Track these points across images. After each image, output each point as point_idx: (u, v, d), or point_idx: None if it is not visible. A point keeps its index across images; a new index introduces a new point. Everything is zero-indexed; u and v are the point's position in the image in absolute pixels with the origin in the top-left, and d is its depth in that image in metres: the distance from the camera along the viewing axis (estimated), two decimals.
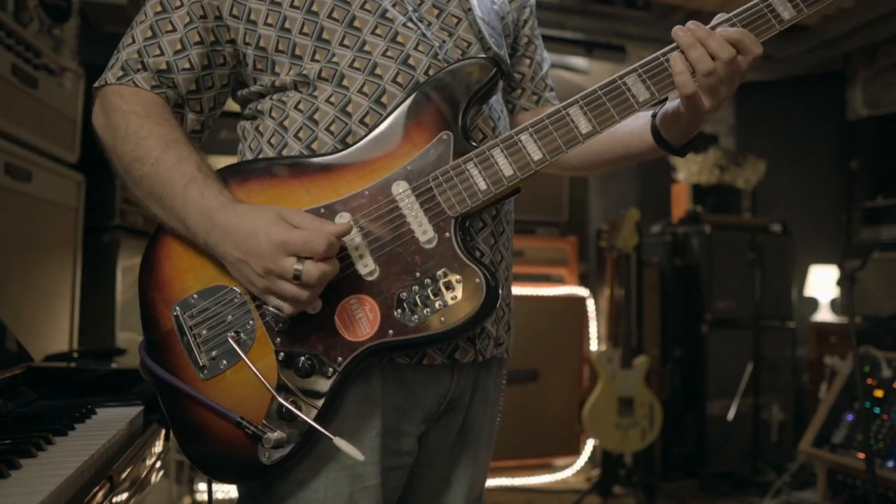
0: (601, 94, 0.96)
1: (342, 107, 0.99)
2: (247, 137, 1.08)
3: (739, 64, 0.93)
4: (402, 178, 0.95)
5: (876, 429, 2.84)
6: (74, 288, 2.13)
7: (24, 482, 0.75)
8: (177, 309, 0.96)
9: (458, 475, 1.13)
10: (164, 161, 0.94)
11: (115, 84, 1.00)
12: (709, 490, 3.78)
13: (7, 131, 1.75)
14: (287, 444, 0.92)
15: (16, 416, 1.08)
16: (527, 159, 0.95)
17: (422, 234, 0.94)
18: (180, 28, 1.00)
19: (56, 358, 1.83)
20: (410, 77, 0.99)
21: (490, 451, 1.19)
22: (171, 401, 0.97)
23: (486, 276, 0.92)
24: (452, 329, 0.92)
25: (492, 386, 1.15)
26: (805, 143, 4.81)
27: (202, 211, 0.91)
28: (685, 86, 0.93)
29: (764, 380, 3.94)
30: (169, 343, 0.96)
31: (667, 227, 4.24)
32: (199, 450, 0.97)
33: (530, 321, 3.74)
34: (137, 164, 0.95)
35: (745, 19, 0.95)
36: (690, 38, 0.93)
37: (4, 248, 1.73)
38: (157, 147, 0.94)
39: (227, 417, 0.92)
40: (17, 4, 2.10)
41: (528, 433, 3.78)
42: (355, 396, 0.97)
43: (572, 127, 0.95)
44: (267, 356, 0.93)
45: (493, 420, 1.18)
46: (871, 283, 3.67)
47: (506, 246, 1.09)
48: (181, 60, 1.00)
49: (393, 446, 1.02)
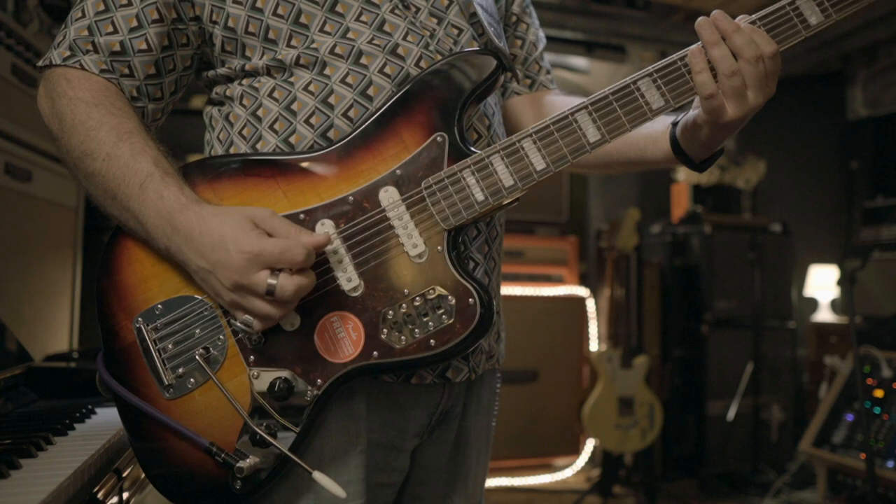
0: (612, 100, 0.87)
1: (323, 97, 0.90)
2: (214, 126, 0.99)
3: (766, 65, 0.84)
4: (392, 184, 0.86)
5: (876, 429, 2.83)
6: (74, 288, 2.13)
7: (24, 482, 0.75)
8: (139, 320, 0.86)
9: (455, 489, 1.07)
10: (117, 157, 0.83)
11: (62, 66, 0.89)
12: (709, 490, 3.78)
13: (7, 131, 1.75)
14: (261, 471, 0.84)
15: (16, 416, 1.08)
16: (529, 169, 0.87)
17: (412, 248, 0.85)
18: (136, 3, 0.89)
19: (56, 358, 1.83)
20: (399, 68, 0.91)
21: (488, 458, 1.14)
22: (133, 420, 0.87)
23: (480, 296, 0.84)
24: (444, 352, 0.84)
25: (486, 395, 1.09)
26: (805, 143, 4.81)
27: (161, 213, 0.81)
28: (704, 86, 0.84)
29: (764, 380, 3.94)
30: (130, 357, 0.86)
31: (667, 227, 4.24)
32: (163, 475, 0.87)
33: (530, 321, 3.74)
34: (87, 159, 0.85)
35: (769, 23, 0.86)
36: (714, 33, 0.84)
37: (4, 248, 1.73)
38: (109, 140, 0.84)
39: (196, 442, 0.83)
40: (17, 4, 2.10)
41: (528, 433, 3.78)
42: (338, 411, 0.90)
43: (580, 135, 0.87)
44: (239, 375, 0.84)
45: (488, 428, 1.12)
46: (871, 283, 3.66)
47: (498, 251, 1.03)
48: (137, 40, 0.89)
49: (381, 462, 0.95)
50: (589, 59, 4.52)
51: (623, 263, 3.62)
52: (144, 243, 0.87)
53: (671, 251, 4.13)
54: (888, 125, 4.46)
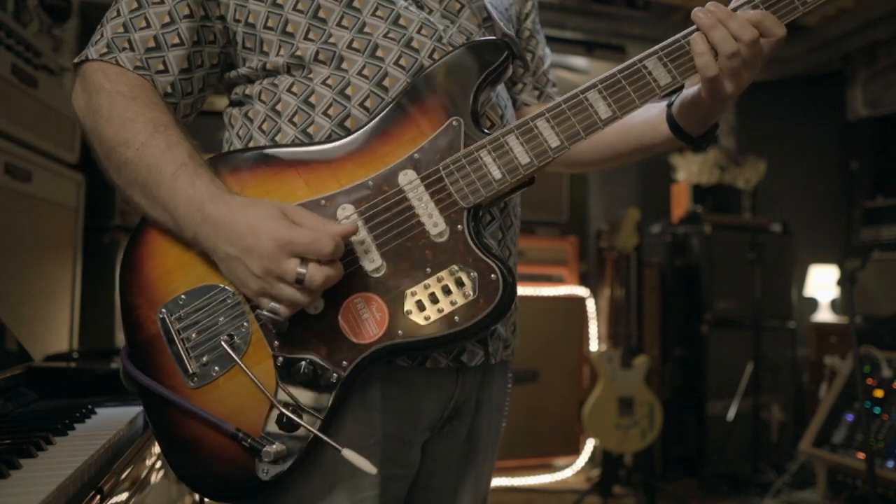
0: (621, 78, 0.91)
1: (340, 89, 0.92)
2: (234, 125, 1.01)
3: (762, 46, 0.89)
4: (410, 167, 0.88)
5: (876, 429, 2.83)
6: (74, 288, 2.13)
7: (24, 482, 0.75)
8: (163, 311, 0.88)
9: (466, 486, 1.07)
10: (152, 146, 0.86)
11: (98, 61, 0.92)
12: (709, 490, 3.78)
13: (7, 131, 1.75)
14: (288, 457, 0.84)
15: (16, 416, 1.08)
16: (544, 146, 0.89)
17: (432, 227, 0.87)
18: (168, 1, 0.93)
19: (56, 358, 1.83)
20: (414, 60, 0.93)
21: (494, 458, 1.15)
22: (157, 411, 0.88)
23: (503, 271, 0.85)
24: (467, 328, 0.85)
25: (497, 392, 1.09)
26: (805, 143, 4.81)
27: (192, 202, 0.83)
28: (708, 67, 0.89)
29: (764, 380, 3.94)
30: (154, 348, 0.88)
31: (667, 227, 4.24)
32: (189, 465, 0.88)
33: (530, 321, 3.74)
34: (121, 147, 0.87)
35: (769, 3, 0.90)
36: (712, 19, 0.88)
37: (4, 248, 1.73)
38: (145, 130, 0.87)
39: (222, 429, 0.84)
40: (17, 4, 2.10)
41: (528, 433, 3.78)
42: (354, 403, 0.91)
43: (591, 112, 0.90)
44: (264, 361, 0.85)
45: (498, 426, 1.13)
46: (871, 283, 3.67)
47: (513, 241, 1.04)
48: (170, 35, 0.93)
49: (393, 454, 0.96)
50: (589, 59, 4.51)
51: (623, 263, 3.62)
52: (167, 236, 0.89)
53: (671, 251, 4.13)
54: (888, 125, 4.46)
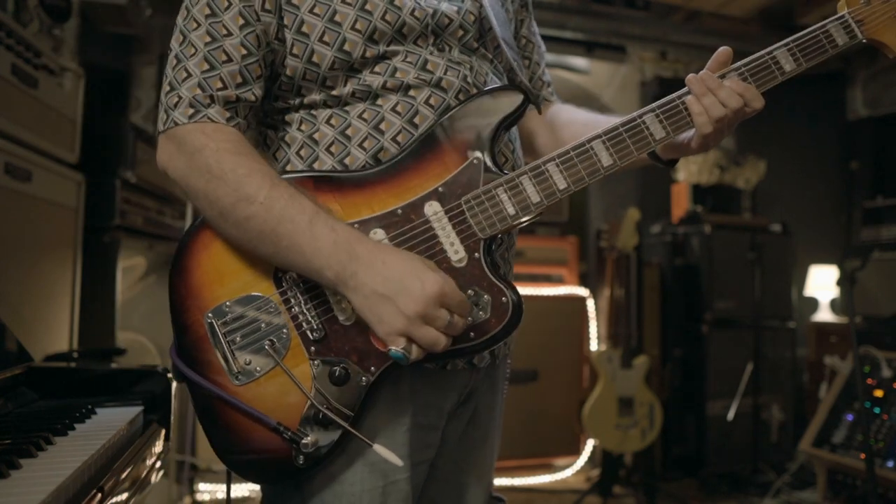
0: (622, 131, 1.03)
1: (375, 124, 1.01)
2: (270, 145, 1.08)
3: (745, 112, 1.04)
4: (435, 199, 0.98)
5: (876, 429, 2.84)
6: (74, 288, 2.13)
7: (24, 482, 0.75)
8: (210, 316, 0.98)
9: (470, 461, 1.19)
10: (277, 198, 0.92)
11: (190, 123, 0.96)
12: (709, 490, 3.78)
13: (7, 131, 1.75)
14: (322, 447, 0.95)
15: (16, 416, 1.08)
16: (553, 188, 1.00)
17: (453, 254, 0.97)
18: (237, 58, 0.97)
19: (56, 358, 1.83)
20: (442, 100, 1.02)
21: (498, 436, 1.25)
22: (204, 405, 0.99)
23: (512, 296, 0.96)
24: (481, 343, 0.96)
25: (499, 377, 1.22)
26: (805, 143, 4.81)
27: (338, 244, 0.90)
28: (705, 126, 1.03)
29: (764, 380, 3.94)
30: (201, 348, 0.98)
31: (667, 227, 4.24)
32: (232, 452, 0.99)
33: (530, 321, 3.73)
34: (243, 203, 0.92)
35: (752, 69, 1.05)
36: (702, 87, 1.03)
37: (4, 248, 1.73)
38: (265, 185, 0.92)
39: (264, 422, 0.95)
40: (17, 4, 2.10)
41: (528, 433, 3.78)
42: (386, 395, 1.00)
43: (595, 160, 1.02)
44: (301, 364, 0.96)
45: (500, 407, 1.24)
46: (871, 283, 3.67)
47: (512, 255, 1.16)
48: (246, 94, 0.99)
49: (420, 440, 1.05)
50: (589, 59, 4.52)
51: (623, 263, 3.62)
52: (213, 247, 0.99)
53: (671, 251, 4.13)
54: (888, 125, 4.47)
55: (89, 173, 2.18)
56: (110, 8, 2.80)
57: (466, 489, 1.19)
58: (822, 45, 1.06)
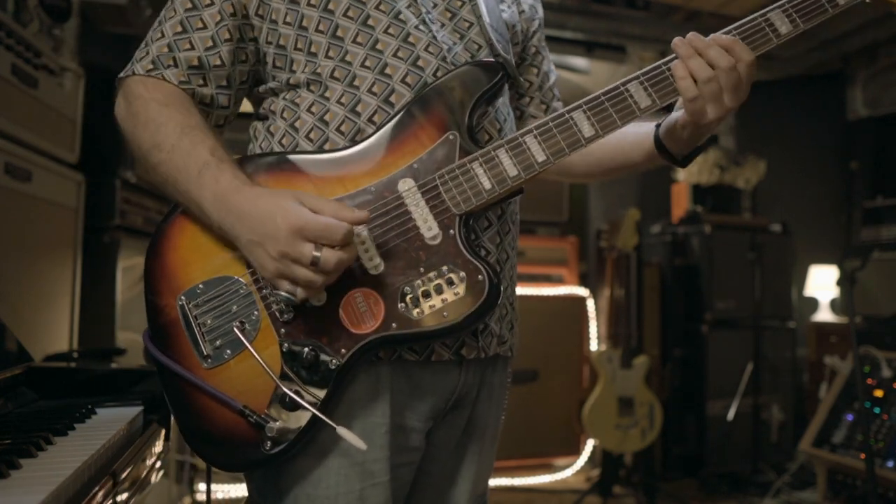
0: (604, 100, 0.98)
1: (352, 107, 1.01)
2: (257, 138, 1.10)
3: (740, 72, 0.95)
4: (409, 176, 0.96)
5: (876, 429, 2.84)
6: (74, 288, 2.13)
7: (24, 482, 0.75)
8: (182, 298, 0.97)
9: (462, 472, 1.14)
10: (180, 148, 0.95)
11: (142, 75, 1.01)
12: (709, 490, 3.78)
13: (7, 131, 1.75)
14: (290, 433, 0.93)
15: (16, 416, 1.08)
16: (531, 160, 0.97)
17: (427, 231, 0.95)
18: (211, 25, 1.02)
19: (56, 358, 1.83)
20: (419, 78, 1.01)
21: (494, 449, 1.21)
22: (174, 389, 0.98)
23: (489, 273, 0.94)
24: (455, 324, 0.94)
25: (497, 384, 1.16)
26: (805, 143, 4.81)
27: (217, 196, 0.92)
28: (688, 90, 0.95)
29: (764, 380, 3.94)
30: (173, 331, 0.97)
31: (667, 227, 4.25)
32: (201, 438, 0.97)
33: (530, 321, 3.74)
34: (155, 150, 0.96)
35: (743, 33, 0.98)
36: (688, 49, 0.96)
37: (4, 248, 1.73)
38: (174, 133, 0.96)
39: (230, 406, 0.93)
40: (17, 4, 2.10)
41: (528, 433, 3.78)
42: (364, 392, 0.98)
43: (575, 130, 0.98)
44: (271, 347, 0.95)
45: (497, 417, 1.19)
46: (871, 283, 3.67)
47: (511, 245, 1.11)
48: (212, 57, 1.02)
49: (402, 442, 1.03)
50: (589, 59, 4.52)
51: (623, 263, 3.62)
52: (188, 230, 0.99)
53: (671, 251, 4.13)
54: (888, 125, 4.47)
55: (89, 173, 2.19)
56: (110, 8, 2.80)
57: (458, 499, 1.15)
58: (822, 5, 1.00)
